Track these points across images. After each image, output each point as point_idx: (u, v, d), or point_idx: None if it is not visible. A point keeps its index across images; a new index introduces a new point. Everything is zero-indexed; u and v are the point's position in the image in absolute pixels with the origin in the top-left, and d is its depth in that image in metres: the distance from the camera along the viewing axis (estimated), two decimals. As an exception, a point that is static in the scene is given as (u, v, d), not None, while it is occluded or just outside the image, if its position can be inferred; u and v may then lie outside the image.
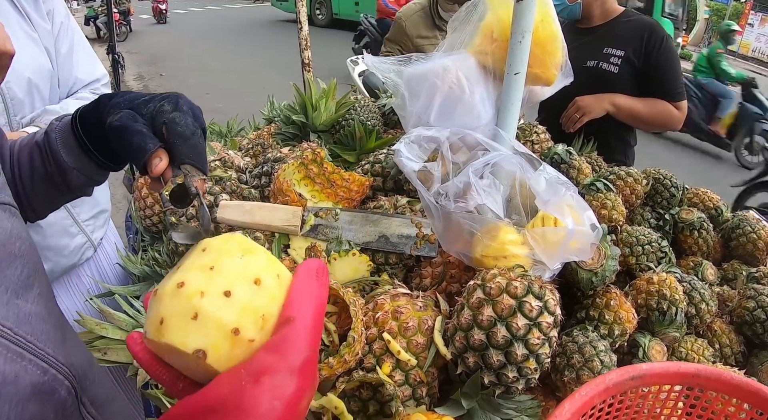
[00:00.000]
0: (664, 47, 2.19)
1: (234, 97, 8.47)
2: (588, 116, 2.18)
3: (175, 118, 0.65)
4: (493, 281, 0.95)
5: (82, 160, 0.76)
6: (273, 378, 0.41)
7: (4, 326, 0.51)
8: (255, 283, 0.46)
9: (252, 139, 1.89)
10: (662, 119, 2.25)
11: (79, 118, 0.74)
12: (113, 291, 1.32)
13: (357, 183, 1.33)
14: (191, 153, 0.64)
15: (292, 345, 0.43)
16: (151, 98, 0.68)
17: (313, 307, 0.46)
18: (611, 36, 2.28)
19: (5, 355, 0.50)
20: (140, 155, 0.63)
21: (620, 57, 2.25)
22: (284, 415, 0.40)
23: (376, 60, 1.52)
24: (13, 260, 0.57)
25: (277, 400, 0.40)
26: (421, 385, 0.96)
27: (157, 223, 1.57)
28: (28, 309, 0.56)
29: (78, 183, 0.78)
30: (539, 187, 1.09)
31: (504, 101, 1.25)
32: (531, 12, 1.15)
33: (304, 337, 0.44)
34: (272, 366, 0.42)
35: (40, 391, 0.53)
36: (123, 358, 1.10)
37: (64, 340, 0.61)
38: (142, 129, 0.64)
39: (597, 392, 0.66)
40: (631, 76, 2.25)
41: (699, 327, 1.33)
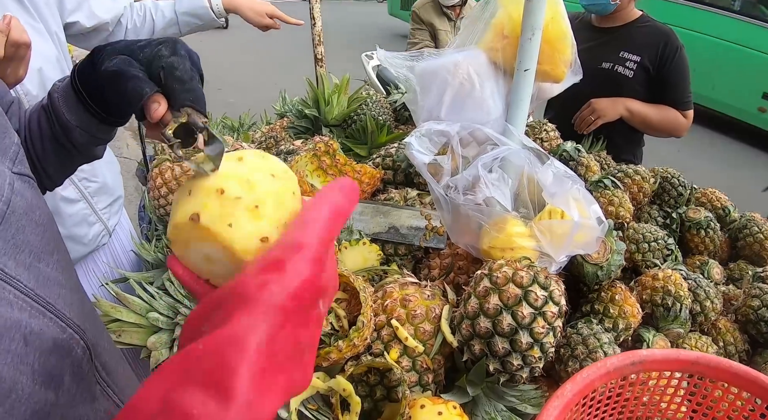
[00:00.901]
0: (678, 57, 2.22)
1: (246, 92, 8.51)
2: (603, 119, 2.20)
3: (173, 63, 0.64)
4: (499, 271, 0.97)
5: (82, 116, 0.75)
6: (277, 269, 0.42)
7: (27, 286, 0.54)
8: (272, 175, 0.50)
9: (265, 133, 1.92)
10: (671, 127, 2.28)
11: (78, 72, 0.73)
12: (128, 276, 1.35)
13: (368, 175, 1.35)
14: (191, 96, 0.63)
15: (301, 241, 0.44)
16: (147, 43, 0.67)
17: (330, 209, 0.47)
18: (628, 40, 2.29)
19: (29, 311, 0.53)
20: (136, 100, 0.62)
21: (636, 62, 2.26)
22: (287, 303, 0.41)
23: (389, 55, 1.54)
24: (35, 228, 0.59)
25: (278, 288, 0.41)
26: (427, 371, 0.98)
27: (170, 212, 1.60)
28: (48, 273, 0.59)
29: (82, 141, 0.77)
30: (546, 181, 1.10)
31: (513, 97, 1.27)
32: (541, 10, 1.16)
33: (316, 233, 0.45)
34: (279, 258, 0.43)
35: (60, 346, 0.57)
36: (136, 341, 1.13)
37: (80, 306, 0.65)
38: (138, 74, 0.63)
39: (598, 375, 0.68)
40: (644, 82, 2.27)
41: (703, 324, 1.34)
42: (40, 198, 0.65)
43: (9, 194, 0.56)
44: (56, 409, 0.54)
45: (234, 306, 0.40)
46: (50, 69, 1.28)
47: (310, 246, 0.44)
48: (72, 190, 1.40)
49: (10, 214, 0.55)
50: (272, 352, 0.40)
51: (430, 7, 3.66)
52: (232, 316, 0.40)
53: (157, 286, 1.29)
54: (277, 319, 0.40)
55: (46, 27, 1.31)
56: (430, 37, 3.72)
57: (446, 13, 3.67)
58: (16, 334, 0.50)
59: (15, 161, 0.62)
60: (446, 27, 3.69)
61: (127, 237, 1.69)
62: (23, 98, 1.23)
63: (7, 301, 0.51)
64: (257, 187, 0.48)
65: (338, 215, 0.47)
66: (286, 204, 0.49)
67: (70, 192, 1.39)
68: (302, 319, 0.43)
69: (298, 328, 0.42)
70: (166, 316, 1.15)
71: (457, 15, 3.72)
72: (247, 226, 0.46)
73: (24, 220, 0.58)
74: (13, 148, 0.63)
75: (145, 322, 1.14)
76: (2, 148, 0.61)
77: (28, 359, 0.51)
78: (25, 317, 0.52)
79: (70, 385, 0.58)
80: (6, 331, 0.49)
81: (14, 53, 0.98)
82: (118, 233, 1.64)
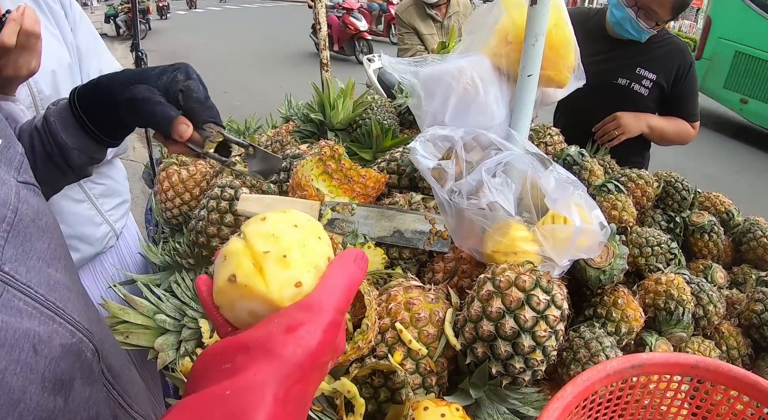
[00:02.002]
0: (690, 73, 2.27)
1: (252, 96, 8.57)
2: (626, 135, 2.22)
3: (190, 86, 0.74)
4: (502, 275, 0.98)
5: (81, 139, 0.81)
6: (300, 330, 0.46)
7: (38, 292, 0.56)
8: (295, 226, 0.53)
9: (271, 137, 1.94)
10: (682, 139, 2.36)
11: (78, 98, 0.79)
12: (135, 279, 1.37)
13: (373, 179, 1.37)
14: (210, 113, 0.74)
15: (322, 306, 0.48)
16: (162, 71, 0.75)
17: (347, 280, 0.51)
18: (645, 56, 2.27)
19: (39, 318, 0.55)
20: (166, 123, 0.71)
21: (652, 81, 2.27)
22: (305, 361, 0.45)
23: (393, 60, 1.56)
24: (42, 234, 0.62)
25: (300, 349, 0.45)
26: (431, 374, 0.99)
27: (177, 215, 1.62)
28: (57, 278, 0.62)
29: (79, 162, 0.83)
30: (548, 186, 1.11)
31: (517, 102, 1.28)
32: (545, 16, 1.18)
33: (334, 302, 0.49)
34: (302, 320, 0.47)
35: (69, 351, 0.58)
36: (144, 342, 1.15)
37: (87, 310, 0.67)
38: (161, 99, 0.72)
39: (598, 378, 0.69)
40: (657, 98, 2.30)
41: (706, 328, 1.34)
42: (45, 205, 0.68)
43: (16, 203, 0.59)
44: (64, 414, 0.56)
45: (259, 356, 0.45)
46: (62, 73, 1.30)
47: (329, 312, 0.48)
48: (77, 191, 1.42)
49: (18, 222, 0.58)
50: (285, 402, 0.43)
51: (413, 11, 3.62)
52: (256, 365, 0.44)
53: (165, 289, 1.31)
54: (295, 375, 0.45)
55: (62, 35, 1.33)
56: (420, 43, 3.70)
57: (430, 15, 3.62)
58: (26, 344, 0.52)
59: (20, 170, 0.64)
60: (431, 30, 3.66)
61: (134, 240, 1.71)
62: (36, 97, 1.25)
63: (17, 310, 0.53)
64: (282, 239, 0.51)
65: (353, 285, 0.52)
66: (313, 248, 0.53)
67: (74, 192, 1.41)
68: (315, 376, 0.47)
69: (309, 385, 0.47)
70: (173, 318, 1.17)
71: (444, 14, 3.68)
72: (279, 275, 0.49)
73: (32, 227, 0.60)
74: (17, 158, 0.65)
75: (152, 324, 1.15)
76: (8, 158, 0.63)
77: (38, 367, 0.53)
78: (34, 325, 0.54)
79: (81, 388, 0.60)
80: (16, 341, 0.51)
81: (27, 43, 1.01)
82: (125, 236, 1.66)
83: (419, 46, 3.63)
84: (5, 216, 0.56)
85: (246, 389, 0.42)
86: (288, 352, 0.45)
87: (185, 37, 15.56)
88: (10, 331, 0.50)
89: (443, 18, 3.67)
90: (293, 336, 0.46)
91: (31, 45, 1.02)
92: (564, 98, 1.61)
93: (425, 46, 3.64)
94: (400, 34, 3.72)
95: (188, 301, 1.21)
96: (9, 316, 0.51)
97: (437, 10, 3.63)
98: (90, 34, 1.44)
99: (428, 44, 3.63)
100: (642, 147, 2.46)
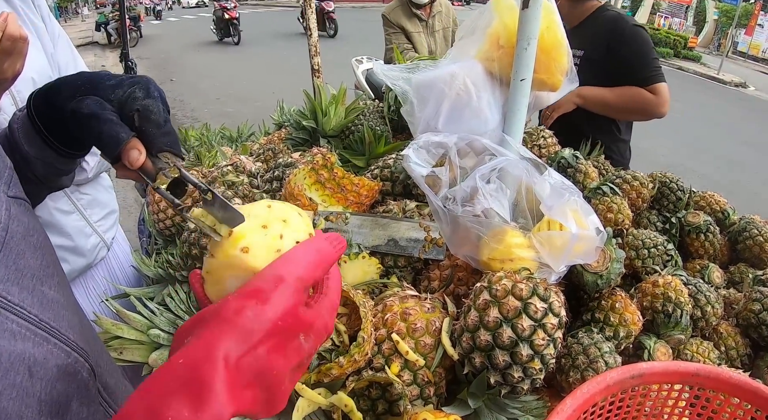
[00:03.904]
0: (626, 36, 2.21)
1: (244, 102, 8.55)
2: (558, 111, 2.22)
3: (148, 106, 0.63)
4: (499, 283, 0.97)
5: (41, 149, 0.72)
6: (254, 297, 0.47)
7: (30, 312, 0.54)
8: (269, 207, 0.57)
9: (263, 144, 1.93)
10: (635, 105, 2.25)
11: (34, 103, 0.70)
12: (128, 292, 1.35)
13: (366, 187, 1.36)
14: (168, 140, 0.63)
15: (280, 275, 0.48)
16: (118, 83, 0.65)
17: (314, 253, 0.52)
18: (575, 37, 2.24)
19: (33, 340, 0.53)
20: (113, 145, 0.60)
21: (579, 57, 2.28)
22: (257, 328, 0.45)
23: (386, 67, 1.55)
24: (34, 251, 0.60)
25: (251, 312, 0.46)
26: (428, 384, 0.98)
27: (170, 226, 1.61)
28: (51, 296, 0.60)
29: (43, 173, 0.75)
30: (543, 193, 1.11)
31: (510, 107, 1.28)
32: (536, 19, 1.17)
33: (296, 271, 0.49)
34: (258, 288, 0.47)
35: (65, 372, 0.57)
36: (138, 358, 1.13)
37: (81, 327, 0.65)
38: (112, 117, 0.62)
39: (598, 390, 0.68)
40: (591, 72, 2.22)
41: (705, 329, 1.34)
42: (36, 221, 0.65)
43: (6, 220, 0.56)
44: None
45: (212, 324, 0.46)
46: (42, 81, 1.29)
47: (288, 281, 0.48)
48: (65, 202, 1.41)
49: (10, 240, 0.56)
50: (239, 369, 0.44)
51: (400, 11, 3.74)
52: (209, 332, 0.45)
53: (158, 302, 1.29)
54: (247, 341, 0.45)
55: (43, 47, 1.32)
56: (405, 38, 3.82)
57: (416, 14, 3.75)
58: (21, 367, 0.50)
59: (9, 185, 0.62)
60: (418, 28, 3.79)
61: (124, 253, 1.70)
62: (20, 105, 1.24)
63: (11, 332, 0.51)
64: (260, 216, 0.54)
65: (323, 259, 0.52)
66: (296, 223, 0.56)
67: (63, 204, 1.40)
68: (276, 345, 0.47)
69: (271, 354, 0.46)
70: (168, 333, 1.16)
71: (428, 14, 3.81)
72: (259, 243, 0.52)
73: (23, 244, 0.58)
74: (7, 172, 0.63)
75: (146, 339, 1.14)
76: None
77: (34, 391, 0.51)
78: (29, 347, 0.52)
79: (78, 409, 0.59)
80: (10, 365, 0.49)
81: (12, 47, 1.00)
82: (114, 249, 1.64)
83: (406, 44, 3.74)
84: None
85: (196, 355, 0.43)
86: (240, 319, 0.45)
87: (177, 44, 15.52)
88: (5, 354, 0.49)
89: (428, 17, 3.81)
90: (247, 303, 0.46)
91: (18, 49, 1.02)
92: None
93: (412, 44, 3.76)
94: (387, 34, 3.82)
95: (182, 314, 1.19)
96: (2, 340, 0.50)
97: (422, 10, 3.76)
98: (69, 50, 1.44)
99: (415, 42, 3.76)
100: (611, 139, 2.39)
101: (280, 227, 0.54)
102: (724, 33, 18.55)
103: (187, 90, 9.49)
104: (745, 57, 18.44)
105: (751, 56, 18.31)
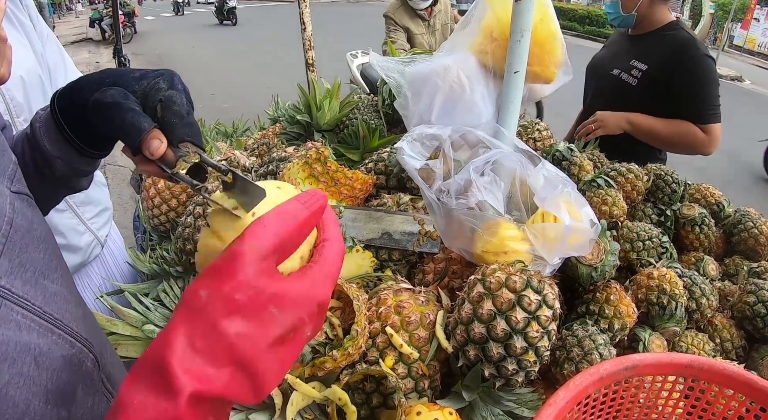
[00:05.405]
0: (693, 66, 2.10)
1: (239, 98, 8.52)
2: (603, 131, 2.15)
3: (172, 97, 0.63)
4: (492, 276, 0.97)
5: (63, 148, 0.73)
6: (210, 274, 0.47)
7: (35, 304, 0.55)
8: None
9: (257, 139, 1.92)
10: (684, 141, 2.15)
11: (57, 101, 0.71)
12: (123, 288, 1.35)
13: (360, 181, 1.35)
14: (189, 131, 0.63)
15: (239, 250, 0.47)
16: (142, 75, 0.65)
17: (280, 220, 0.50)
18: (644, 48, 2.23)
19: (38, 331, 0.54)
20: (135, 134, 0.60)
21: (641, 71, 2.19)
22: (214, 305, 0.45)
23: (381, 59, 1.54)
24: (38, 244, 0.60)
25: (207, 290, 0.46)
26: (423, 377, 0.98)
27: (164, 222, 1.60)
28: (54, 289, 0.60)
29: (64, 172, 0.76)
30: (537, 185, 1.10)
31: (504, 99, 1.27)
32: (530, 11, 1.16)
33: (258, 244, 0.48)
34: (217, 266, 0.47)
35: (70, 362, 0.58)
36: (133, 354, 1.13)
37: (84, 319, 0.66)
38: (134, 107, 0.61)
39: (591, 381, 0.67)
40: (650, 92, 2.18)
41: (700, 322, 1.34)
42: (39, 215, 0.66)
43: (11, 214, 0.57)
44: None
45: (176, 311, 0.46)
46: (32, 81, 1.28)
47: (244, 253, 0.47)
48: None
49: (14, 234, 0.56)
50: (200, 348, 0.44)
51: (403, 11, 3.76)
52: (171, 319, 0.46)
53: (153, 298, 1.29)
54: (206, 321, 0.45)
55: (32, 46, 1.31)
56: (406, 40, 3.84)
57: (419, 15, 3.77)
58: (27, 357, 0.51)
59: (13, 180, 0.62)
60: (421, 29, 3.82)
61: (119, 249, 1.69)
62: (9, 104, 1.22)
63: (16, 323, 0.52)
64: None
65: (285, 222, 0.50)
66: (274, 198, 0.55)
67: None
68: (241, 320, 0.46)
69: (236, 329, 0.45)
70: (162, 328, 1.15)
71: (430, 14, 3.83)
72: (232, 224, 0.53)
73: (27, 238, 0.58)
74: (11, 167, 0.63)
75: (141, 335, 1.13)
76: (1, 168, 0.61)
77: (41, 380, 0.52)
78: (33, 338, 0.53)
79: (83, 399, 0.60)
80: (18, 355, 0.50)
81: None
82: (109, 246, 1.63)
83: (403, 42, 3.76)
84: (0, 227, 0.55)
85: (157, 344, 0.45)
86: (196, 300, 0.46)
87: (172, 40, 15.46)
88: (11, 344, 0.50)
89: (430, 17, 3.83)
90: (203, 283, 0.46)
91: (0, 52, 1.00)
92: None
93: (414, 46, 3.78)
94: (389, 32, 3.83)
95: (176, 310, 1.19)
96: (8, 330, 0.50)
97: (425, 10, 3.78)
98: (57, 50, 1.43)
99: (417, 44, 3.77)
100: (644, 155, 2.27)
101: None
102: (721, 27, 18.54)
103: (183, 86, 9.44)
104: (741, 51, 18.44)
105: (747, 50, 18.30)
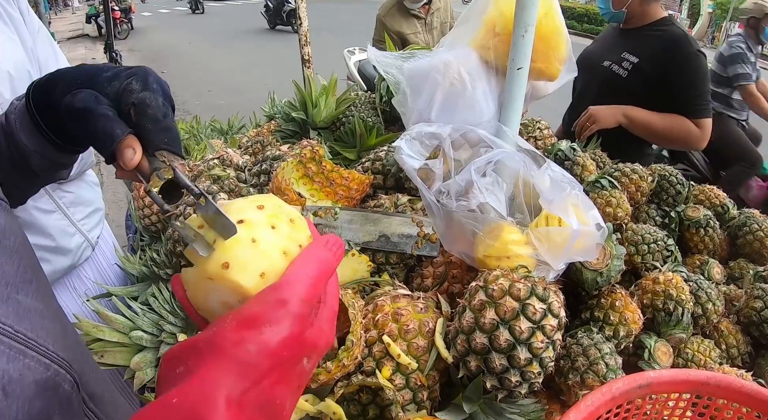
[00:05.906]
0: (686, 62, 2.13)
1: (236, 94, 8.47)
2: (598, 126, 2.15)
3: (145, 99, 0.58)
4: (495, 283, 0.92)
5: (40, 142, 0.68)
6: (255, 325, 0.42)
7: (5, 324, 0.50)
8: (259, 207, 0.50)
9: (252, 137, 1.87)
10: (679, 136, 2.18)
11: (33, 94, 0.66)
12: (111, 292, 1.30)
13: (356, 181, 1.31)
14: (166, 137, 0.58)
15: (283, 298, 0.43)
16: (115, 74, 0.61)
17: (315, 267, 0.47)
18: (635, 41, 2.25)
19: (8, 354, 0.49)
20: (108, 143, 0.55)
21: (632, 63, 2.22)
22: (262, 361, 0.41)
23: (379, 54, 1.49)
24: (10, 256, 0.55)
25: (254, 346, 0.41)
26: (421, 388, 0.94)
27: (155, 222, 1.55)
28: (28, 304, 0.55)
29: (41, 166, 0.71)
30: (543, 186, 1.06)
31: (507, 97, 1.23)
32: (534, 5, 1.12)
33: (299, 292, 0.44)
34: (257, 314, 0.42)
35: (44, 387, 0.52)
36: (120, 361, 1.09)
37: (64, 335, 0.60)
38: (107, 112, 0.57)
39: (603, 402, 0.63)
40: (641, 85, 2.20)
41: (705, 327, 1.30)
42: (14, 222, 0.60)
43: None
44: None
45: (209, 357, 0.41)
46: (20, 76, 1.23)
47: (293, 304, 0.43)
48: (46, 201, 1.35)
49: None
50: (242, 406, 0.39)
51: (396, 12, 3.59)
52: (205, 366, 0.40)
53: (141, 302, 1.24)
54: (250, 376, 0.40)
55: (22, 40, 1.26)
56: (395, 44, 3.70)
57: (414, 14, 3.63)
58: None
59: None
60: (415, 29, 3.66)
61: (112, 251, 1.64)
62: None
63: None
64: (250, 223, 0.48)
65: (324, 272, 0.48)
66: (285, 232, 0.49)
67: (44, 203, 1.34)
68: (280, 376, 0.42)
69: (275, 385, 0.42)
70: (150, 334, 1.11)
71: (427, 12, 3.70)
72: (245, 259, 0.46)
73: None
74: None
75: (128, 341, 1.09)
76: None
77: (10, 412, 0.47)
78: (2, 363, 0.48)
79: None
80: None
81: None
82: (101, 246, 1.58)
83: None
84: None
85: (194, 395, 0.39)
86: (241, 351, 0.41)
87: (169, 37, 15.37)
88: None
89: (426, 15, 3.69)
90: (247, 332, 0.41)
91: None
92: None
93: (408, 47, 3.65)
94: (375, 38, 3.71)
95: (166, 315, 1.14)
96: None
97: (421, 8, 3.65)
98: (49, 45, 1.38)
99: (412, 44, 3.63)
100: (635, 151, 2.30)
101: (272, 237, 0.48)
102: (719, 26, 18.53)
103: (179, 82, 9.37)
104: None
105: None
